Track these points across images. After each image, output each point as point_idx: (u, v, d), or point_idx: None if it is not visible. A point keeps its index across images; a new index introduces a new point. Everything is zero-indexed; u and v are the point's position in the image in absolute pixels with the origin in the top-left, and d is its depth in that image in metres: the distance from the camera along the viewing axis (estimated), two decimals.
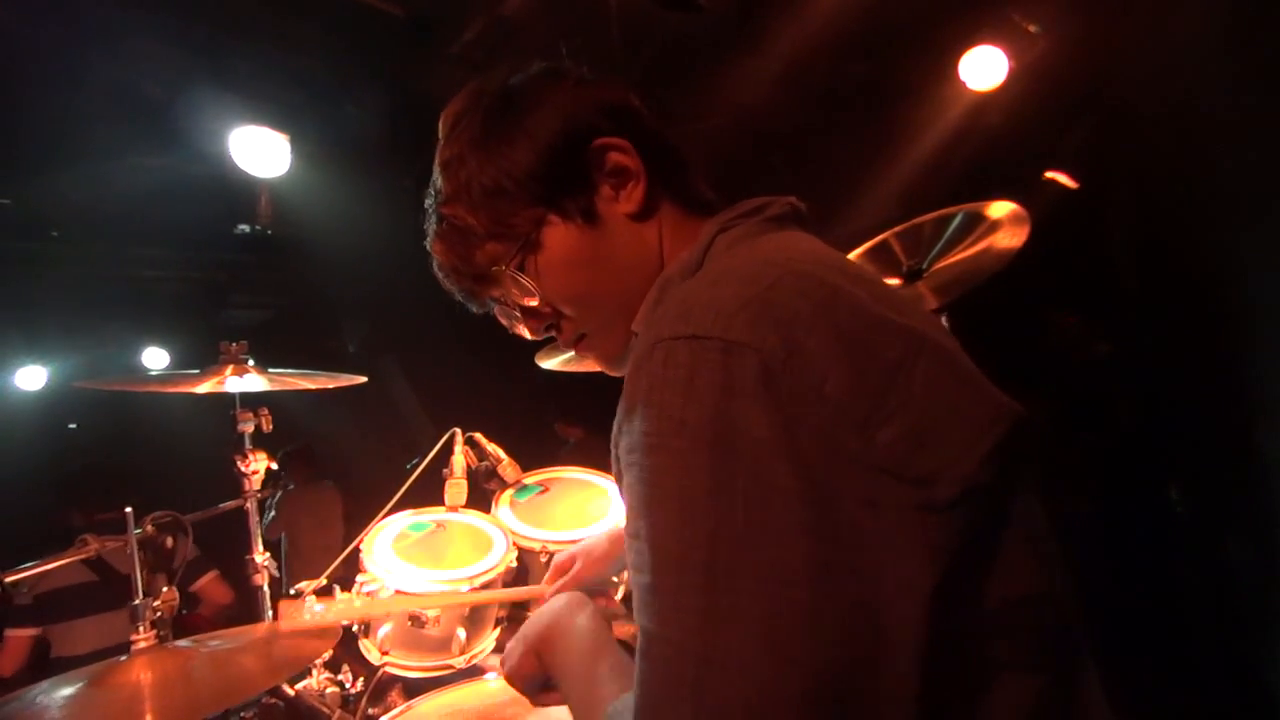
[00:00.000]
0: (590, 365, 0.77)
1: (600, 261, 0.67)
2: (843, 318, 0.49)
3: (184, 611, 2.68)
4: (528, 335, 0.74)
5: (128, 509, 1.16)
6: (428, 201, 0.72)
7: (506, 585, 1.61)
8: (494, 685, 1.41)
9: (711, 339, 0.46)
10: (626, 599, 1.19)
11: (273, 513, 4.19)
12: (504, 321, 0.76)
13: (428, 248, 0.73)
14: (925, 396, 0.48)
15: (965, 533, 0.46)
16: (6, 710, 0.95)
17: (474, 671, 1.54)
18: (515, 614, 1.63)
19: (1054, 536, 0.56)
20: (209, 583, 2.71)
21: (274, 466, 1.59)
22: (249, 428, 1.54)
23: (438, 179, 0.70)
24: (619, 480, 0.53)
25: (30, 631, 2.33)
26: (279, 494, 4.23)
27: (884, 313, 0.52)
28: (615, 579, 1.19)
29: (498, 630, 1.60)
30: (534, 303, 0.69)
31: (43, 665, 2.38)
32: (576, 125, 0.66)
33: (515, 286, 0.68)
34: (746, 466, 0.44)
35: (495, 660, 1.61)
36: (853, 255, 1.95)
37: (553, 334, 0.73)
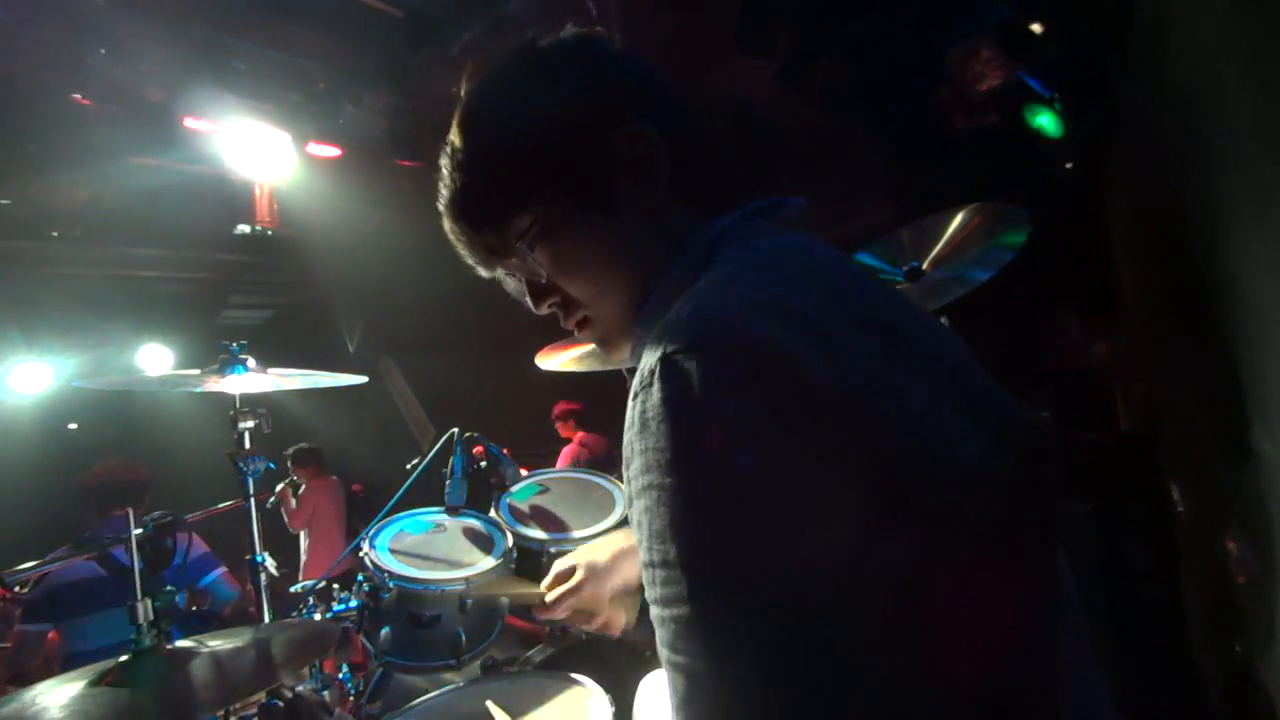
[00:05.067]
0: (590, 365, 0.77)
1: (611, 250, 0.65)
2: (851, 323, 0.49)
3: (193, 609, 2.70)
4: (532, 309, 0.72)
5: (128, 509, 1.16)
6: (443, 160, 0.68)
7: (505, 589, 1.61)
8: (496, 685, 1.41)
9: (721, 345, 0.45)
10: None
11: (295, 505, 4.23)
12: (510, 291, 0.74)
13: (440, 208, 0.70)
14: (942, 399, 0.47)
15: (990, 536, 0.45)
16: (6, 710, 0.95)
17: (474, 671, 1.54)
18: (516, 611, 1.63)
19: (1058, 539, 0.56)
20: (217, 580, 2.74)
21: (272, 465, 1.59)
22: (249, 428, 1.54)
23: (455, 139, 0.66)
24: (629, 506, 0.50)
25: (44, 627, 2.37)
26: (301, 489, 4.27)
27: (891, 319, 0.51)
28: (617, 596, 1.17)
29: (497, 631, 1.60)
30: (541, 280, 0.67)
31: (56, 662, 2.41)
32: (602, 108, 0.63)
33: (523, 262, 0.67)
34: (777, 472, 0.42)
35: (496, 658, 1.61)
36: (852, 257, 1.95)
37: (555, 310, 0.71)
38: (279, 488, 4.21)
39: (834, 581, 0.41)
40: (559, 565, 1.14)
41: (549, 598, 1.11)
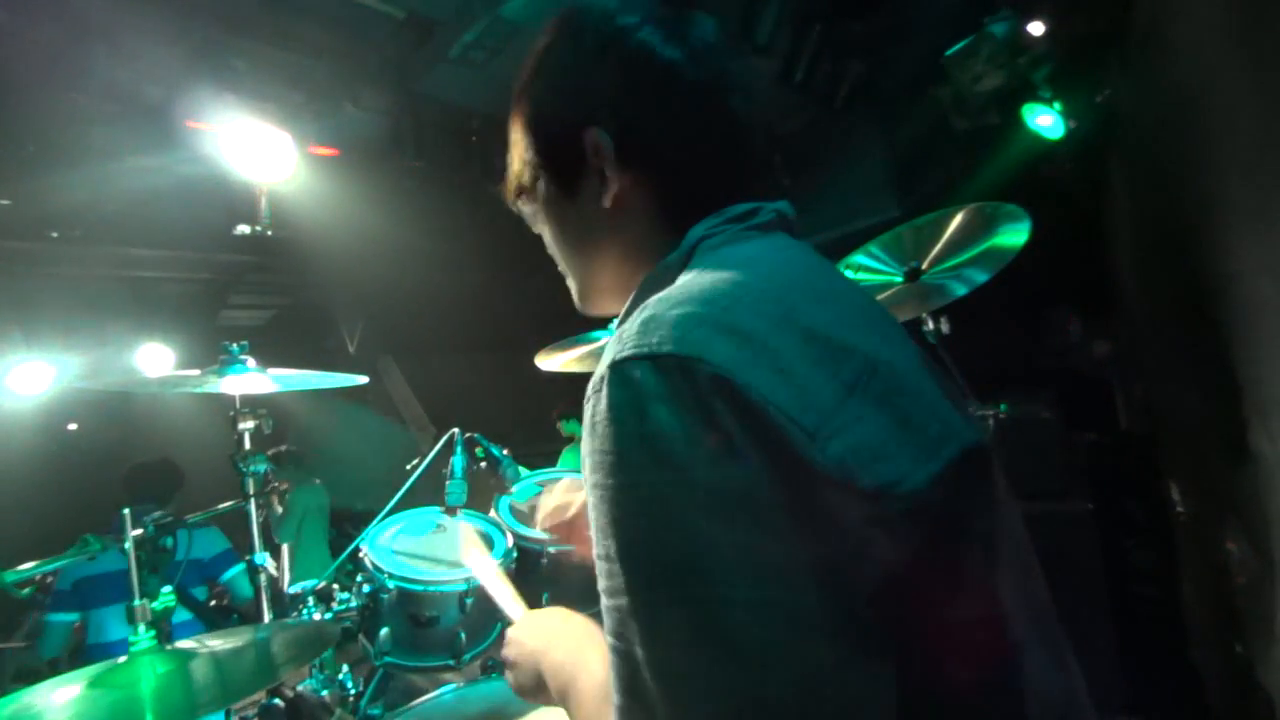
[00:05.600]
0: (590, 365, 0.79)
1: (571, 234, 0.71)
2: (797, 338, 0.51)
3: (211, 604, 2.75)
4: None
5: (125, 510, 1.16)
6: None
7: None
8: (496, 685, 1.41)
9: (665, 357, 0.47)
10: None
11: (283, 511, 4.21)
12: None
13: None
14: (876, 415, 0.49)
15: (916, 548, 0.47)
16: (7, 710, 0.95)
17: (474, 671, 1.54)
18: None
19: (1019, 554, 0.57)
20: (239, 575, 2.78)
21: (273, 467, 1.59)
22: (249, 428, 1.54)
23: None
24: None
25: (71, 617, 2.43)
26: (286, 494, 4.24)
27: (841, 335, 0.53)
28: None
29: (497, 631, 1.60)
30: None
31: (80, 651, 2.47)
32: (581, 106, 0.66)
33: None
34: (707, 480, 0.45)
35: (496, 659, 1.61)
36: (852, 257, 1.95)
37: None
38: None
39: (753, 587, 0.44)
40: (562, 491, 1.14)
41: (547, 523, 1.12)
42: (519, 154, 0.72)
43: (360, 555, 1.55)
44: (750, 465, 0.45)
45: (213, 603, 2.76)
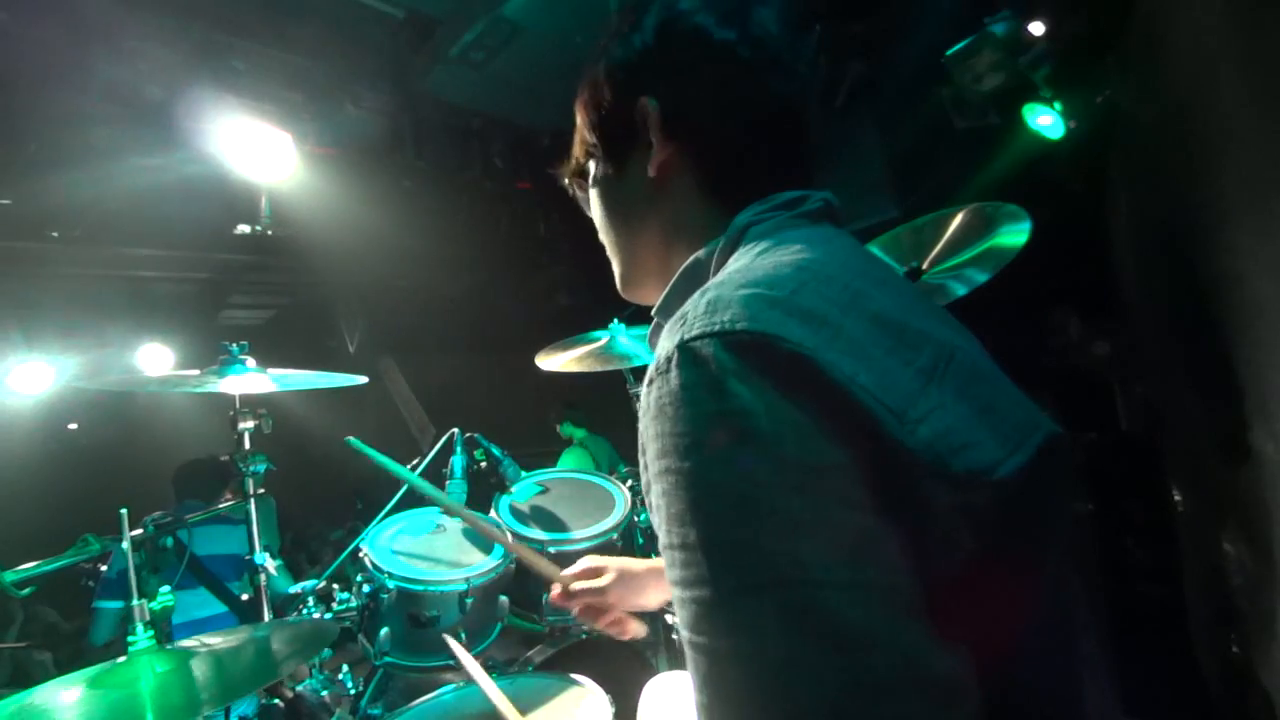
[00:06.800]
0: (590, 365, 0.79)
1: (618, 210, 0.72)
2: (868, 324, 0.49)
3: (244, 598, 2.77)
4: None
5: (123, 510, 1.16)
6: None
7: (504, 588, 1.61)
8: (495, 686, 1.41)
9: (740, 334, 0.45)
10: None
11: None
12: None
13: None
14: (957, 403, 0.48)
15: (998, 536, 0.46)
16: (7, 710, 0.95)
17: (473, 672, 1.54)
18: (517, 613, 1.63)
19: (1074, 552, 0.56)
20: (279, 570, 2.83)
21: (274, 466, 1.59)
22: (249, 428, 1.54)
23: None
24: (647, 491, 0.50)
25: (118, 605, 2.46)
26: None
27: (912, 321, 0.51)
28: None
29: (497, 631, 1.60)
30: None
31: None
32: (635, 79, 0.67)
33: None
34: (797, 457, 0.43)
35: (496, 660, 1.61)
36: None
37: None
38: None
39: (848, 568, 0.42)
40: (591, 560, 1.12)
41: (573, 586, 1.08)
42: (579, 138, 0.74)
43: (360, 555, 1.56)
44: (835, 448, 0.43)
45: (245, 596, 2.79)
